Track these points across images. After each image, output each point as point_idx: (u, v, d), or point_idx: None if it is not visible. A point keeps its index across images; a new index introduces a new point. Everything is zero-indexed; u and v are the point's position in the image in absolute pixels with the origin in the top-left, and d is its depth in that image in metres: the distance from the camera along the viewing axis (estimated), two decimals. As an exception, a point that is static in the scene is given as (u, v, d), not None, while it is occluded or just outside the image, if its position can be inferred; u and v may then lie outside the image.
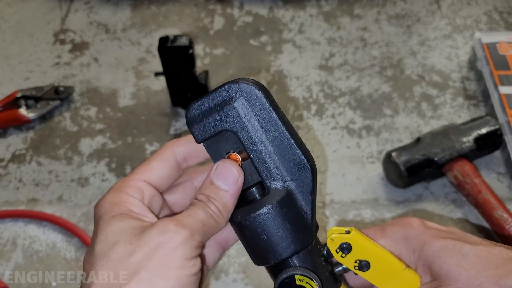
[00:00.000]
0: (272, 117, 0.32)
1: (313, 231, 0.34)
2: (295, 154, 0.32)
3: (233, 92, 0.32)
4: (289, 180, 0.33)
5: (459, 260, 0.31)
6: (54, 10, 0.93)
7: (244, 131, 0.33)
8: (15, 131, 0.75)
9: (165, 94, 0.77)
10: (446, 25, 0.87)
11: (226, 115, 0.32)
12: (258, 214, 0.32)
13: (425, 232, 0.33)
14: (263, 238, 0.32)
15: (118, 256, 0.28)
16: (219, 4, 0.92)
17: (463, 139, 0.64)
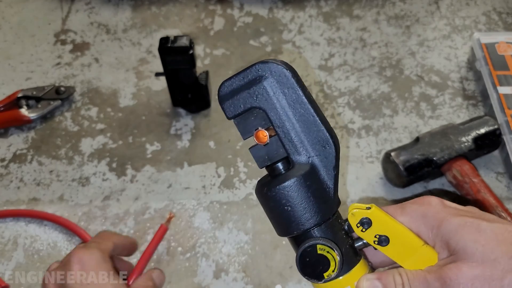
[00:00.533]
0: (299, 95, 0.34)
1: (335, 205, 0.35)
2: (319, 131, 0.34)
3: (263, 71, 0.35)
4: (313, 156, 0.34)
5: (475, 236, 0.31)
6: (55, 10, 0.93)
7: (273, 108, 0.34)
8: (16, 131, 0.75)
9: (166, 94, 0.78)
10: (445, 26, 0.87)
11: (255, 92, 0.34)
12: (283, 186, 0.34)
13: (444, 210, 0.34)
14: (287, 209, 0.34)
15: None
16: (219, 4, 0.93)
17: (462, 139, 0.65)
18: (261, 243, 0.61)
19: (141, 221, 0.64)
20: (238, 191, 0.67)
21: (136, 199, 0.67)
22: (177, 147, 0.72)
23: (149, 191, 0.67)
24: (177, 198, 0.67)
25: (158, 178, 0.69)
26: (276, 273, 0.59)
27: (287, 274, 0.59)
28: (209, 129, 0.74)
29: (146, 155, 0.71)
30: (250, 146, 0.37)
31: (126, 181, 0.69)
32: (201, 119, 0.76)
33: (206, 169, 0.69)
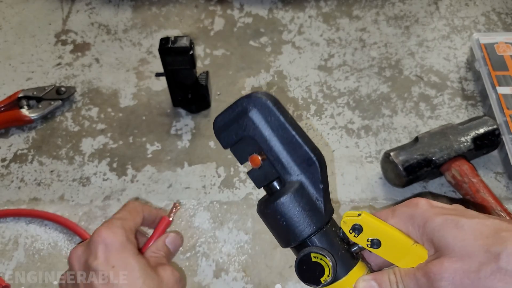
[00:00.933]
0: (281, 122, 0.38)
1: (326, 215, 0.39)
2: (303, 151, 0.38)
3: (247, 104, 0.39)
4: (300, 174, 0.38)
5: (455, 233, 0.33)
6: (56, 11, 0.94)
7: (260, 136, 0.39)
8: (17, 131, 0.76)
9: (166, 94, 0.78)
10: (444, 26, 0.88)
11: (244, 124, 0.39)
12: (276, 204, 0.38)
13: (429, 210, 0.36)
14: (283, 223, 0.38)
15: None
16: (219, 5, 0.93)
17: (461, 139, 0.65)
18: (261, 242, 0.62)
19: (141, 221, 0.65)
20: (238, 191, 0.67)
21: (137, 199, 0.67)
22: (178, 147, 0.72)
23: (150, 191, 0.68)
24: (178, 198, 0.67)
25: (158, 178, 0.69)
26: (276, 272, 0.59)
27: (287, 274, 0.59)
28: (209, 129, 0.74)
29: (146, 155, 0.72)
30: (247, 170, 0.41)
31: (126, 181, 0.69)
32: (201, 119, 0.76)
33: (206, 169, 0.70)
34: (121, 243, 0.41)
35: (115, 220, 0.44)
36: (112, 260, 0.40)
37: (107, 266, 0.40)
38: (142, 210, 0.47)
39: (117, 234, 0.42)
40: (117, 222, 0.43)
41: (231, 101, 0.83)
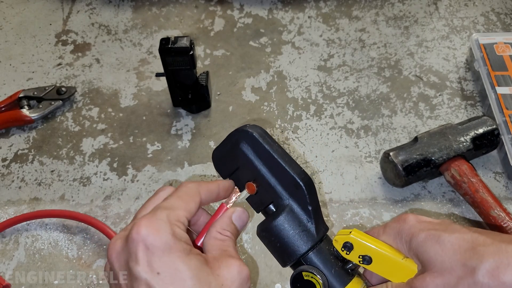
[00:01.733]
0: (267, 152, 0.40)
1: (317, 234, 0.40)
2: (289, 176, 0.40)
3: (238, 137, 0.41)
4: (289, 198, 0.40)
5: (436, 248, 0.34)
6: (56, 11, 0.94)
7: (251, 166, 0.41)
8: (18, 131, 0.76)
9: (166, 94, 0.78)
10: (443, 26, 0.88)
11: (237, 155, 0.42)
12: (269, 227, 0.40)
13: (415, 225, 0.37)
14: (277, 244, 0.40)
15: None
16: (220, 5, 0.93)
17: (461, 139, 0.65)
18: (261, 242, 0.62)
19: (141, 221, 0.65)
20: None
21: (137, 198, 0.67)
22: (178, 147, 0.73)
23: (150, 190, 0.68)
24: (178, 198, 0.67)
25: (158, 178, 0.69)
26: (276, 272, 0.59)
27: (287, 273, 0.59)
28: (209, 129, 0.75)
29: (146, 155, 0.72)
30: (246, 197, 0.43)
31: (127, 181, 0.69)
32: (201, 119, 0.76)
33: (206, 169, 0.70)
34: (166, 243, 0.33)
35: (159, 211, 0.35)
36: (156, 266, 0.33)
37: (151, 273, 0.32)
38: (199, 193, 0.39)
39: (160, 231, 0.33)
40: (161, 214, 0.35)
41: (231, 101, 0.83)
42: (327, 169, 0.69)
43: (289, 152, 0.72)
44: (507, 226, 0.59)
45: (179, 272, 0.33)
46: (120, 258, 0.34)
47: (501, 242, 0.32)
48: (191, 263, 0.33)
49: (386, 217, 0.64)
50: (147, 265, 0.33)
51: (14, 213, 0.66)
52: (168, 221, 0.34)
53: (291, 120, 0.75)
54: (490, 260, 0.32)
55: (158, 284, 0.32)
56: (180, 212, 0.36)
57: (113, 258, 0.35)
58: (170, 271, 0.33)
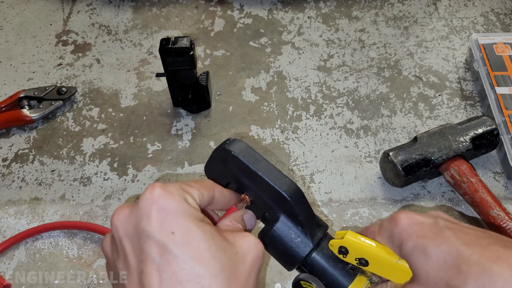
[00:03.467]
0: (249, 169, 0.40)
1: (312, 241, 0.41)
2: (274, 190, 0.39)
3: (220, 154, 0.42)
4: (279, 209, 0.40)
5: (422, 260, 0.33)
6: (57, 11, 0.94)
7: (239, 181, 0.41)
8: (18, 131, 0.76)
9: (166, 94, 0.78)
10: (443, 26, 0.88)
11: (224, 172, 0.42)
12: (265, 237, 0.41)
13: (405, 230, 0.35)
14: (277, 252, 0.41)
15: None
16: (220, 6, 0.93)
17: (460, 139, 0.65)
18: (261, 242, 0.62)
19: (142, 220, 0.65)
20: (238, 190, 0.68)
21: (137, 198, 0.67)
22: (178, 147, 0.73)
23: (150, 190, 0.68)
24: (178, 198, 0.67)
25: (159, 178, 0.69)
26: (276, 271, 0.60)
27: (287, 273, 0.59)
28: (209, 129, 0.75)
29: (147, 155, 0.72)
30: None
31: (127, 181, 0.69)
32: (202, 119, 0.76)
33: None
34: (179, 206, 0.32)
35: (174, 183, 0.34)
36: (170, 226, 0.30)
37: (165, 233, 0.30)
38: (214, 188, 0.38)
39: (174, 195, 0.32)
40: (175, 184, 0.34)
41: (231, 101, 0.83)
42: (326, 169, 0.69)
43: (275, 163, 0.72)
44: (507, 226, 0.59)
45: (193, 233, 0.31)
46: (128, 221, 0.32)
47: (488, 260, 0.31)
48: (205, 227, 0.32)
49: (385, 216, 0.64)
50: (160, 224, 0.31)
51: (14, 213, 0.66)
52: (181, 189, 0.33)
53: (291, 120, 0.75)
54: (472, 283, 0.31)
55: (173, 244, 0.30)
56: (194, 190, 0.35)
57: (118, 223, 0.32)
58: (184, 232, 0.31)
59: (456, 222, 0.36)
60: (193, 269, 0.30)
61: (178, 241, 0.30)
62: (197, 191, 0.35)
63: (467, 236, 0.33)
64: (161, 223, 0.31)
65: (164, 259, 0.30)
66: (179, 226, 0.31)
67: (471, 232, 0.34)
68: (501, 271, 0.30)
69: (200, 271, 0.30)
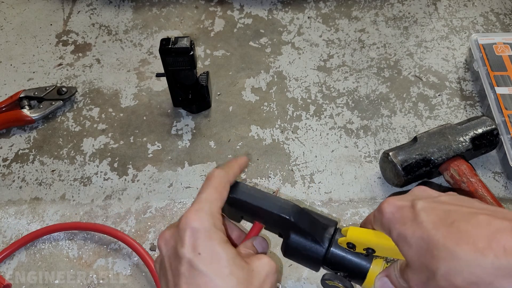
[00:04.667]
0: (251, 205, 0.46)
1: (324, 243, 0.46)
2: (277, 215, 0.45)
3: (227, 200, 0.46)
4: (287, 227, 0.46)
5: (406, 249, 0.36)
6: (57, 11, 0.94)
7: (248, 214, 0.48)
8: (18, 131, 0.76)
9: (166, 94, 0.78)
10: (443, 27, 0.88)
11: (234, 210, 0.48)
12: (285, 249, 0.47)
13: (389, 219, 0.38)
14: (300, 263, 0.48)
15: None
16: (220, 6, 0.94)
17: (460, 139, 0.65)
18: (261, 241, 0.62)
19: (142, 220, 0.65)
20: (238, 190, 0.68)
21: (137, 198, 0.67)
22: (178, 147, 0.73)
23: (150, 190, 0.68)
24: (178, 198, 0.67)
25: (159, 178, 0.69)
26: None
27: (287, 273, 0.59)
28: (210, 129, 0.75)
29: (147, 155, 0.72)
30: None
31: (127, 181, 0.69)
32: (202, 119, 0.76)
33: (206, 169, 0.70)
34: (208, 230, 0.39)
35: (203, 204, 0.41)
36: (199, 247, 0.38)
37: (194, 253, 0.38)
38: (229, 181, 0.45)
39: (204, 219, 0.40)
40: (205, 206, 0.41)
41: (231, 101, 0.83)
42: (326, 169, 0.69)
43: (275, 163, 0.72)
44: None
45: (217, 254, 0.38)
46: (168, 244, 0.40)
47: (452, 242, 0.33)
48: (227, 249, 0.39)
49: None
50: (191, 246, 0.38)
51: (14, 213, 0.66)
52: (210, 213, 0.40)
53: (291, 120, 0.75)
54: (442, 266, 0.33)
55: (199, 262, 0.37)
56: (218, 203, 0.42)
57: (162, 245, 0.40)
58: (210, 253, 0.38)
59: (432, 197, 0.38)
60: (214, 282, 0.36)
61: (204, 260, 0.37)
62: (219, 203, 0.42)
63: (437, 216, 0.35)
64: (192, 245, 0.38)
65: (192, 274, 0.37)
66: (206, 248, 0.38)
67: (441, 209, 0.36)
68: (464, 254, 0.32)
69: (220, 283, 0.36)
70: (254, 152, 0.72)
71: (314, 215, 0.48)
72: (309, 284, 0.58)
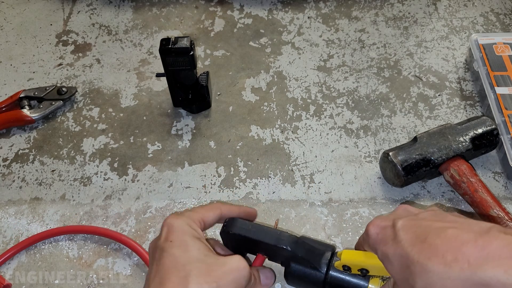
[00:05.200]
0: (250, 239, 0.50)
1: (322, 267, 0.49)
2: (275, 247, 0.50)
3: (227, 237, 0.52)
4: (287, 256, 0.50)
5: (389, 266, 0.39)
6: (57, 11, 0.94)
7: (250, 248, 0.52)
8: (18, 131, 0.76)
9: (167, 94, 0.78)
10: (443, 27, 0.88)
11: (236, 245, 0.52)
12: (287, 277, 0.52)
13: (374, 240, 0.41)
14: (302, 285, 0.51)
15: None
16: (220, 6, 0.94)
17: (460, 139, 0.65)
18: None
19: (142, 220, 0.65)
20: (238, 190, 0.68)
21: (137, 198, 0.67)
22: (178, 147, 0.73)
23: (150, 190, 0.68)
24: (178, 198, 0.67)
25: (159, 178, 0.69)
26: (276, 271, 0.60)
27: (287, 273, 0.59)
28: (210, 129, 0.75)
29: (147, 155, 0.72)
30: None
31: (127, 181, 0.69)
32: (202, 119, 0.76)
33: (206, 169, 0.70)
34: (182, 227, 0.45)
35: (185, 212, 0.48)
36: (171, 237, 0.44)
37: (166, 242, 0.43)
38: (221, 208, 0.50)
39: (180, 220, 0.45)
40: (186, 212, 0.48)
41: (231, 101, 0.83)
42: (326, 169, 0.69)
43: (275, 163, 0.72)
44: (506, 226, 0.59)
45: (186, 242, 0.43)
46: (152, 242, 0.47)
47: (424, 257, 0.34)
48: (197, 241, 0.44)
49: (385, 216, 0.64)
50: (165, 237, 0.44)
51: (15, 213, 0.66)
52: (188, 217, 0.46)
53: (291, 120, 0.76)
54: (419, 280, 0.34)
55: (169, 247, 0.43)
56: (198, 214, 0.48)
57: (149, 248, 0.47)
58: (179, 241, 0.43)
59: (413, 214, 0.40)
60: (176, 258, 0.42)
61: (173, 245, 0.43)
62: (200, 216, 0.48)
63: (414, 233, 0.37)
64: (166, 236, 0.44)
65: (161, 256, 0.43)
66: (177, 238, 0.44)
67: (418, 225, 0.38)
68: (435, 268, 0.33)
69: (184, 261, 0.41)
70: (254, 152, 0.72)
71: (311, 242, 0.51)
72: (309, 284, 0.58)
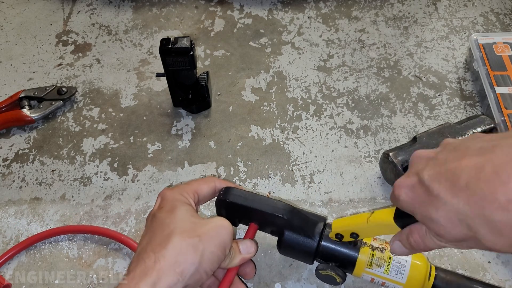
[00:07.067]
0: (246, 207, 0.51)
1: (315, 237, 0.51)
2: (271, 215, 0.50)
3: (222, 205, 0.52)
4: (281, 224, 0.51)
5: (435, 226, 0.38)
6: (57, 11, 0.94)
7: (244, 216, 0.53)
8: (18, 131, 0.76)
9: (166, 94, 0.79)
10: (443, 27, 0.88)
11: (230, 214, 0.53)
12: (281, 246, 0.53)
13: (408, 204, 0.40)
14: (294, 257, 0.54)
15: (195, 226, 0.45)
16: (220, 6, 0.94)
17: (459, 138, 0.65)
18: (261, 241, 0.62)
19: (142, 220, 0.65)
20: (238, 190, 0.68)
21: (137, 198, 0.67)
22: (178, 147, 0.73)
23: (150, 190, 0.68)
24: (178, 198, 0.67)
25: (159, 178, 0.69)
26: (276, 271, 0.60)
27: (287, 273, 0.59)
28: (210, 129, 0.75)
29: (147, 155, 0.72)
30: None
31: (127, 181, 0.69)
32: (202, 119, 0.76)
33: (206, 169, 0.70)
34: (174, 196, 0.48)
35: (178, 185, 0.52)
36: (162, 204, 0.48)
37: (158, 209, 0.47)
38: (215, 181, 0.53)
39: (173, 191, 0.49)
40: (178, 184, 0.52)
41: (231, 101, 0.83)
42: (326, 169, 0.69)
43: (275, 163, 0.72)
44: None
45: (175, 207, 0.46)
46: (147, 217, 0.49)
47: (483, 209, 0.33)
48: (186, 206, 0.47)
49: (385, 216, 0.64)
50: (158, 205, 0.48)
51: (14, 213, 0.66)
52: (181, 189, 0.50)
53: (291, 120, 0.76)
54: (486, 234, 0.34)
55: (159, 213, 0.46)
56: (192, 187, 0.50)
57: (146, 219, 0.49)
58: (169, 207, 0.47)
59: (432, 161, 0.38)
60: (163, 220, 0.45)
61: (162, 211, 0.47)
62: (194, 187, 0.50)
63: (447, 182, 0.35)
64: (159, 205, 0.48)
65: (151, 221, 0.47)
66: (167, 204, 0.47)
67: (446, 171, 0.36)
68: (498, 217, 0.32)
69: (168, 219, 0.45)
70: (254, 152, 0.72)
71: (305, 213, 0.52)
72: (309, 284, 0.58)
